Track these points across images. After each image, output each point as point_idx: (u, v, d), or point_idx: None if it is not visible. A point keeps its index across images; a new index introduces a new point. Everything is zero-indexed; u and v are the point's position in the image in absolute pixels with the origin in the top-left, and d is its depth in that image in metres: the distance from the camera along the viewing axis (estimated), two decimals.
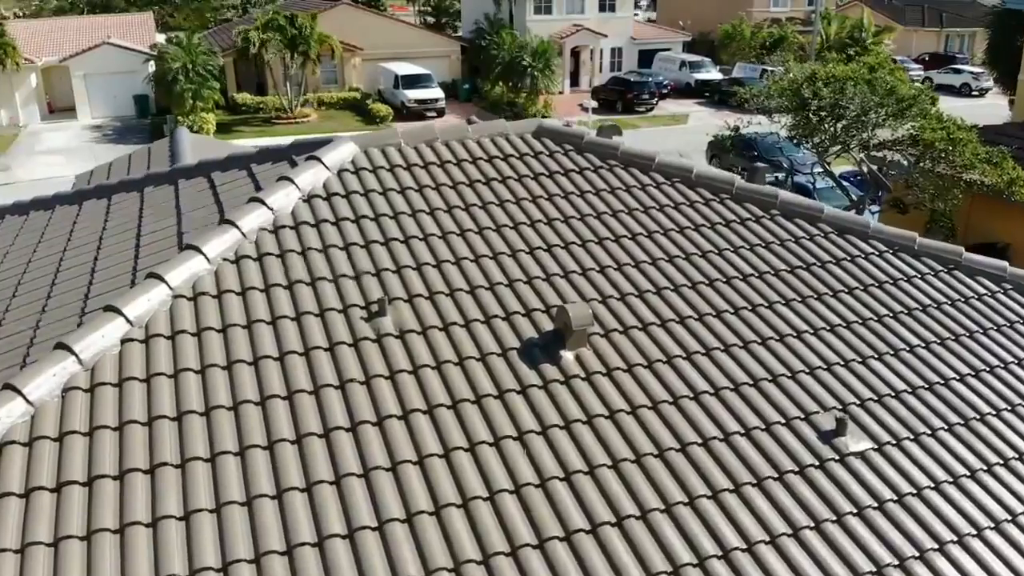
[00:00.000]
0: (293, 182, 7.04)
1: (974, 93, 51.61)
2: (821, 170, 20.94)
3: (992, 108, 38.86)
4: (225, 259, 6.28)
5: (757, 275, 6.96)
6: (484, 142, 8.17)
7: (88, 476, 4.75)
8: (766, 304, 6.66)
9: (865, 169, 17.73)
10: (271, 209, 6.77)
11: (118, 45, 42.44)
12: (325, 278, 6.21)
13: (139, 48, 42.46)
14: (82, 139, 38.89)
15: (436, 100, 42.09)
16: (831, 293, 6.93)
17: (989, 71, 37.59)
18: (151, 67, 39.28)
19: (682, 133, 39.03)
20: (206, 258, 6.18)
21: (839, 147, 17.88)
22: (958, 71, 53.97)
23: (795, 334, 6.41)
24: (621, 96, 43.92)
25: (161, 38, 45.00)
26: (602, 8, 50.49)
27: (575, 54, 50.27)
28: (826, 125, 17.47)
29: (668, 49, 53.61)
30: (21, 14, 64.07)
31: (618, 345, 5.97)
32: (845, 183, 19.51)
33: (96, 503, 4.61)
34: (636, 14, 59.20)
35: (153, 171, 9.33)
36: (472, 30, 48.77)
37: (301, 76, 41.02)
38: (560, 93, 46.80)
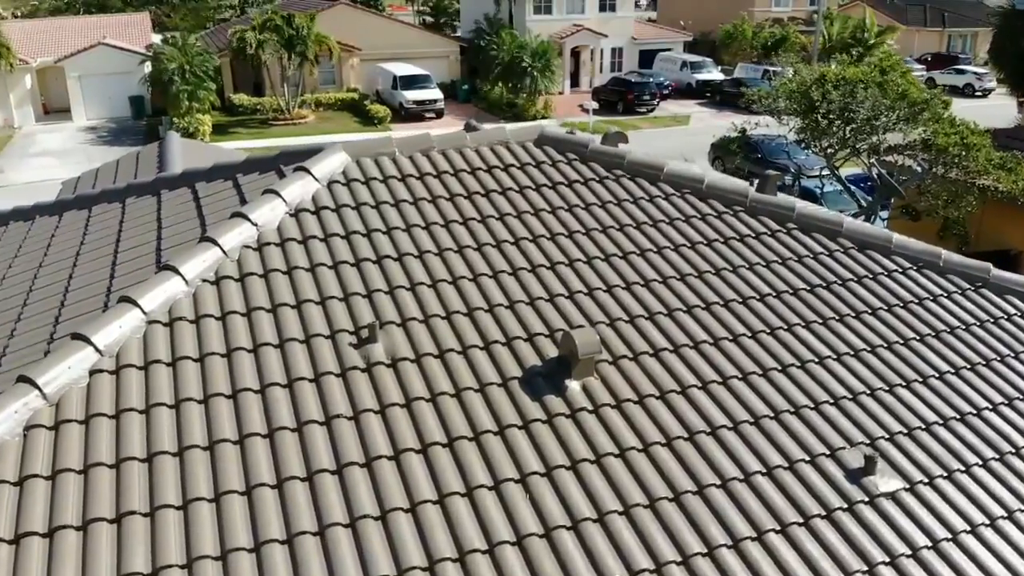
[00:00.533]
0: (279, 195, 6.60)
1: (977, 94, 51.21)
2: (828, 174, 20.52)
3: (999, 109, 38.45)
4: (205, 280, 5.85)
5: (775, 294, 6.53)
6: (483, 151, 7.74)
7: (49, 526, 4.31)
8: (785, 327, 6.22)
9: (875, 173, 17.25)
10: (255, 225, 6.33)
11: (113, 46, 41.99)
12: (311, 300, 5.77)
13: (135, 49, 42.01)
14: (77, 141, 38.44)
15: (435, 101, 41.65)
16: (853, 314, 6.49)
17: (996, 72, 37.10)
18: (147, 68, 38.85)
19: (684, 134, 38.60)
20: (184, 279, 5.75)
21: (848, 151, 17.38)
22: (961, 71, 53.57)
23: (817, 360, 5.97)
24: (622, 97, 43.47)
25: (157, 39, 44.53)
26: (602, 8, 50.06)
27: (575, 54, 49.84)
28: (835, 128, 16.98)
29: (669, 49, 53.17)
30: (19, 14, 63.58)
31: (628, 374, 5.53)
32: (852, 187, 18.99)
33: (56, 556, 4.17)
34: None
35: (135, 181, 8.90)
36: (471, 30, 48.34)
37: (298, 77, 40.58)
38: (560, 94, 46.36)
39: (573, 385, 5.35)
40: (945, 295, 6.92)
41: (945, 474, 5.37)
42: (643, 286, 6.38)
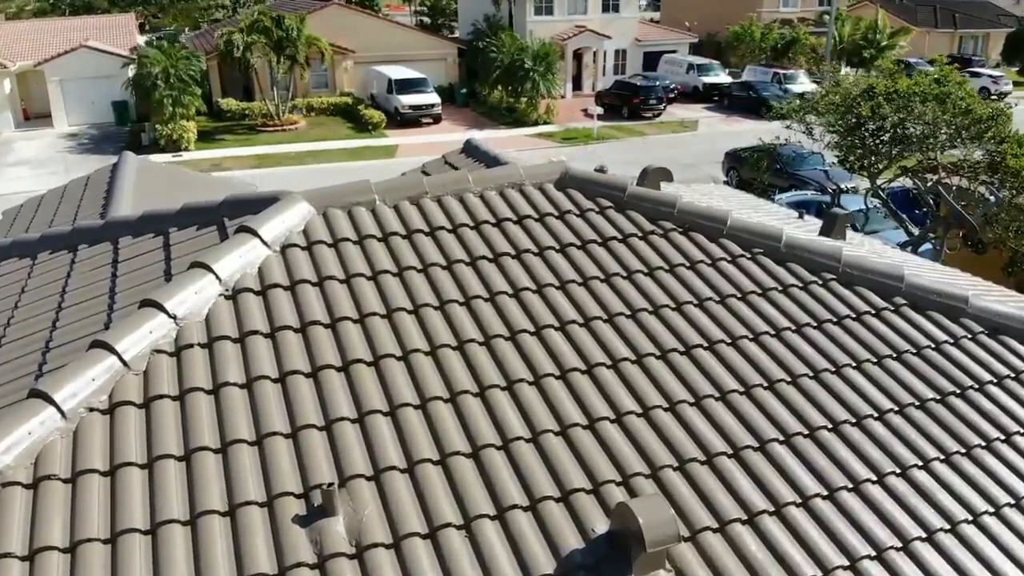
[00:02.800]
0: (211, 270, 4.79)
1: (993, 97, 49.36)
2: (859, 192, 18.75)
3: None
4: (93, 408, 4.03)
5: (897, 409, 4.72)
6: (490, 197, 5.94)
7: None
8: (920, 463, 4.41)
9: (930, 196, 15.29)
10: (172, 317, 4.52)
11: (96, 48, 40.09)
12: (244, 440, 3.96)
13: (117, 51, 40.11)
14: (56, 148, 36.52)
15: (432, 106, 39.67)
16: (1003, 437, 4.69)
17: (1013, 74, 35.15)
18: (131, 72, 36.95)
19: (694, 141, 36.80)
20: (60, 411, 3.93)
21: (899, 171, 15.43)
22: (976, 75, 51.63)
23: (970, 518, 4.17)
24: (627, 101, 41.49)
25: (144, 40, 42.67)
26: (605, 8, 48.08)
27: (577, 56, 47.88)
28: (881, 145, 15.02)
29: (674, 51, 51.25)
30: (8, 15, 61.60)
31: (717, 561, 3.71)
32: (896, 209, 16.88)
33: None
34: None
35: (51, 231, 7.07)
36: (470, 32, 46.45)
37: (289, 80, 38.67)
38: (562, 97, 44.32)
39: None
40: None
41: None
42: (719, 400, 4.57)
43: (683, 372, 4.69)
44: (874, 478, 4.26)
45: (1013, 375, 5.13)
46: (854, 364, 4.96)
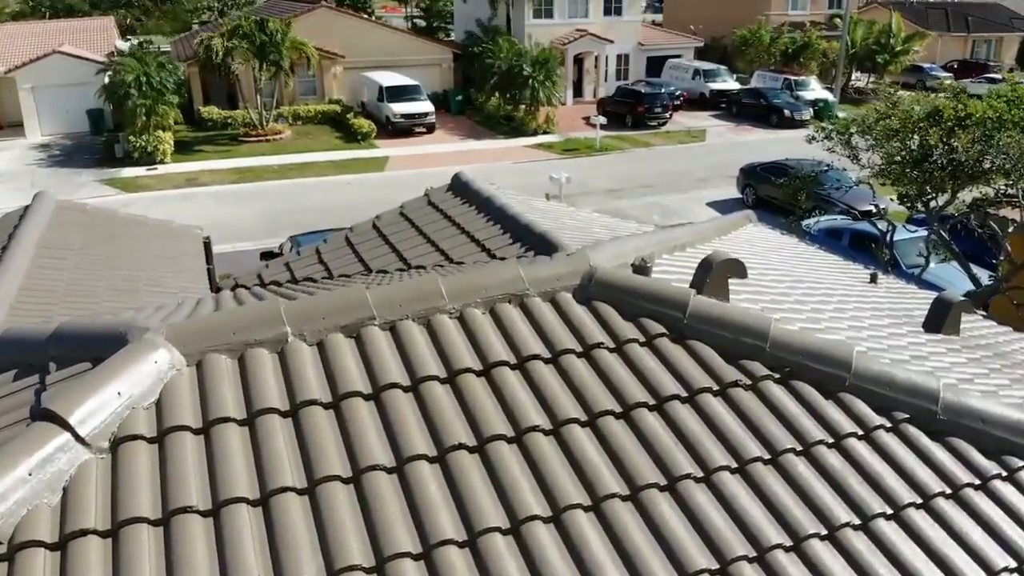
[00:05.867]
0: None
1: None
2: (887, 213, 16.57)
3: None
4: None
5: None
6: (474, 320, 3.77)
7: None
8: None
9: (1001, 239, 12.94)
10: None
11: (70, 54, 37.86)
12: None
13: (93, 57, 37.89)
14: (25, 161, 34.31)
15: (425, 114, 37.42)
16: None
17: None
18: (106, 79, 34.72)
19: (703, 152, 34.64)
20: None
21: (968, 210, 13.15)
22: (994, 80, 49.55)
23: None
24: (631, 109, 39.21)
25: (126, 46, 40.39)
26: (607, 11, 45.82)
27: (578, 62, 45.66)
28: (950, 180, 12.68)
29: (679, 56, 49.05)
30: None
31: None
32: (951, 244, 14.37)
33: None
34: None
35: None
36: (465, 36, 44.24)
37: (273, 87, 36.44)
38: (562, 105, 42.01)
39: None
40: None
41: None
42: None
43: None
44: None
45: None
46: None
